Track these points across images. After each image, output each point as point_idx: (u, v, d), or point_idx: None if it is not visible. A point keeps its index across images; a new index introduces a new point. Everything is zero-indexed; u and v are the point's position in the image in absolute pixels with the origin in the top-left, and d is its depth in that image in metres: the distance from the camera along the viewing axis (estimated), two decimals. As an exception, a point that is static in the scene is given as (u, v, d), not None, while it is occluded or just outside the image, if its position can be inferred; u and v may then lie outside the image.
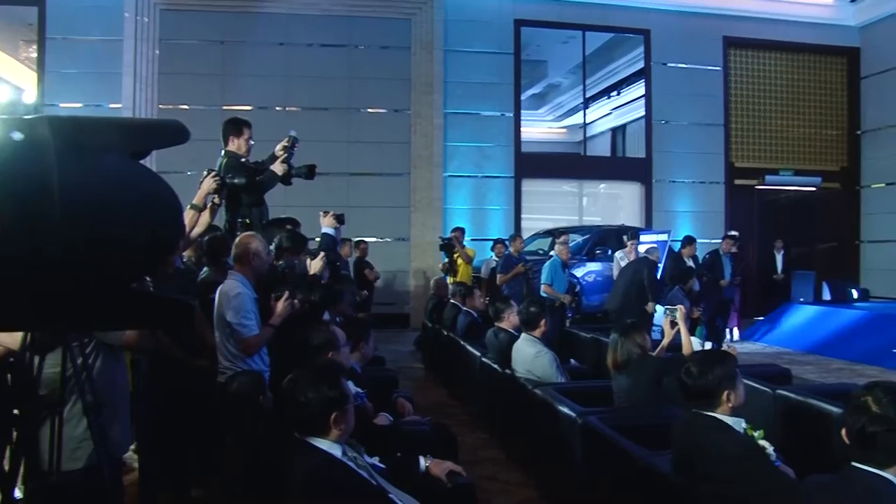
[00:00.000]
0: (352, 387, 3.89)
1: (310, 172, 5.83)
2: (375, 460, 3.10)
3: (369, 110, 14.78)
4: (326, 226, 6.27)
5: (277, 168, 5.60)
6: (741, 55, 17.20)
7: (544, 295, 9.46)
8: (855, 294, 13.80)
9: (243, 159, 5.56)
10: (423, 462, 3.36)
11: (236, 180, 5.32)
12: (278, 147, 5.73)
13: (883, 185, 16.99)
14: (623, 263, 10.07)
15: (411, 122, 14.79)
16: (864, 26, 17.30)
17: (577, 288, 11.84)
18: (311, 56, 14.48)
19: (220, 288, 4.20)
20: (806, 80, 17.69)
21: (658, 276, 10.08)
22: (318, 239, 6.34)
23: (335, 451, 2.68)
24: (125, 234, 2.02)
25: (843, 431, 2.30)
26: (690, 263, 11.17)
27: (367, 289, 11.35)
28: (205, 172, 4.89)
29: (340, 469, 2.66)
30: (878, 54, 17.04)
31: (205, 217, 4.79)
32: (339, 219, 6.37)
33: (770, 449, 3.08)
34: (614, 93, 18.16)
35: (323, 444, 2.67)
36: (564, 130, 18.66)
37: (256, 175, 5.55)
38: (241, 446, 3.84)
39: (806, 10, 16.98)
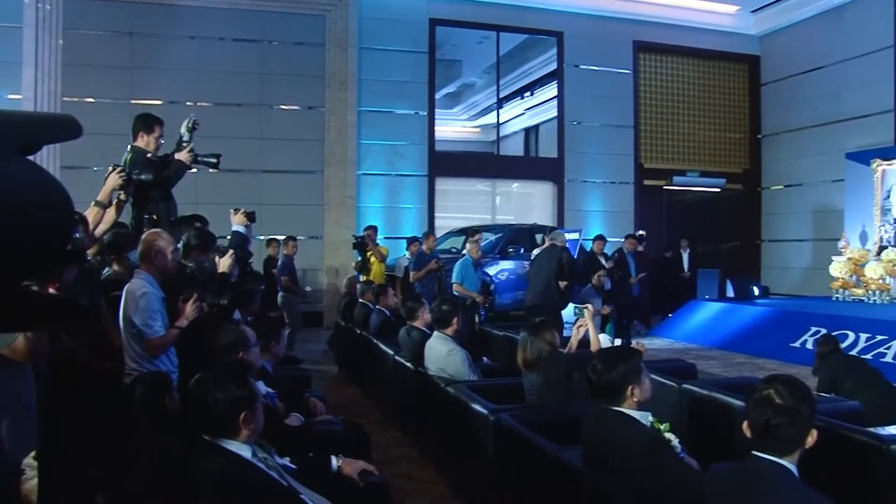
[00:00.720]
0: (262, 387, 3.83)
1: (215, 161, 5.68)
2: (286, 461, 3.06)
3: (282, 107, 14.58)
4: (237, 223, 6.17)
5: (184, 157, 5.44)
6: (650, 59, 17.66)
7: (456, 294, 9.49)
8: (756, 291, 14.34)
9: (149, 154, 5.40)
10: (334, 462, 3.34)
11: (143, 176, 5.17)
12: (182, 128, 5.57)
13: (781, 186, 17.76)
14: None
15: (325, 119, 14.66)
16: (764, 36, 18.07)
17: (492, 286, 11.94)
18: (224, 50, 14.18)
19: (126, 287, 4.08)
20: (711, 86, 18.31)
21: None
22: (229, 237, 6.24)
23: (245, 452, 2.64)
24: (4, 233, 1.92)
25: (746, 424, 2.39)
26: (603, 261, 11.46)
27: (274, 289, 11.17)
28: (110, 168, 4.75)
29: (250, 470, 2.62)
30: (776, 62, 17.82)
31: (110, 214, 4.65)
32: (250, 216, 6.27)
33: (675, 441, 3.17)
34: (528, 93, 18.41)
35: (232, 445, 2.63)
36: (478, 130, 18.83)
37: (164, 169, 5.39)
38: (147, 450, 3.74)
39: (711, 19, 17.58)
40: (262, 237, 11.72)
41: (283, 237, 11.67)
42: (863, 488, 3.31)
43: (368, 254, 11.61)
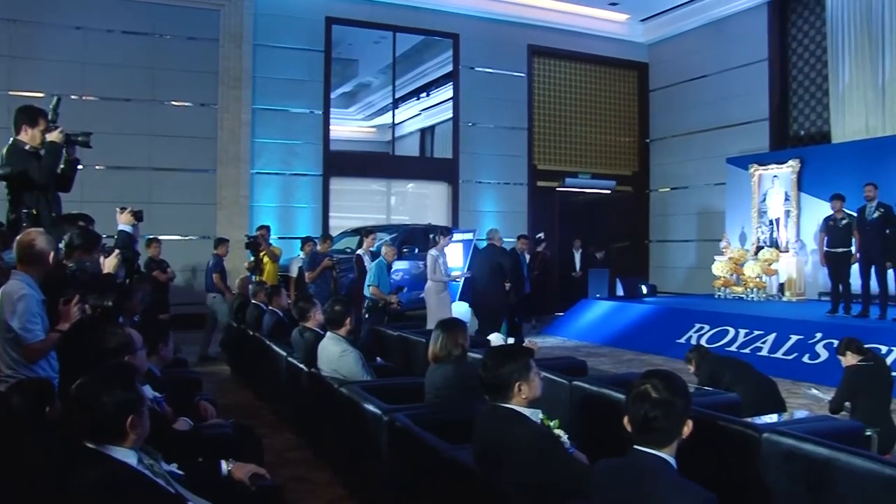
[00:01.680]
0: (149, 391, 3.74)
1: (87, 139, 5.45)
2: (174, 467, 2.99)
3: (174, 103, 14.15)
4: (123, 223, 5.98)
5: (55, 137, 5.13)
6: (544, 63, 18.02)
7: (370, 296, 9.65)
8: (644, 290, 14.85)
9: (27, 147, 5.13)
10: (224, 466, 3.27)
11: (1, 171, 4.95)
12: (49, 109, 5.31)
13: (668, 189, 18.45)
14: (440, 261, 10.29)
15: (218, 116, 14.33)
16: (652, 44, 18.75)
17: (405, 288, 11.95)
18: (112, 43, 13.60)
19: (2, 289, 3.90)
20: (602, 90, 18.83)
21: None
22: (115, 236, 6.05)
23: (130, 458, 2.57)
24: None
25: (626, 419, 2.49)
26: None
27: (160, 290, 10.87)
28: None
29: (135, 478, 2.54)
30: (664, 70, 18.52)
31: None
32: (137, 215, 6.10)
33: (565, 437, 3.25)
34: (424, 94, 18.46)
35: (117, 452, 2.55)
36: (374, 130, 18.75)
37: (38, 159, 5.12)
38: (25, 460, 3.58)
39: (603, 26, 18.10)
40: (150, 237, 11.36)
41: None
42: (741, 475, 3.47)
43: (262, 254, 11.43)
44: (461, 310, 10.64)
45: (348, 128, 18.52)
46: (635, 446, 2.46)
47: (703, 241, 17.00)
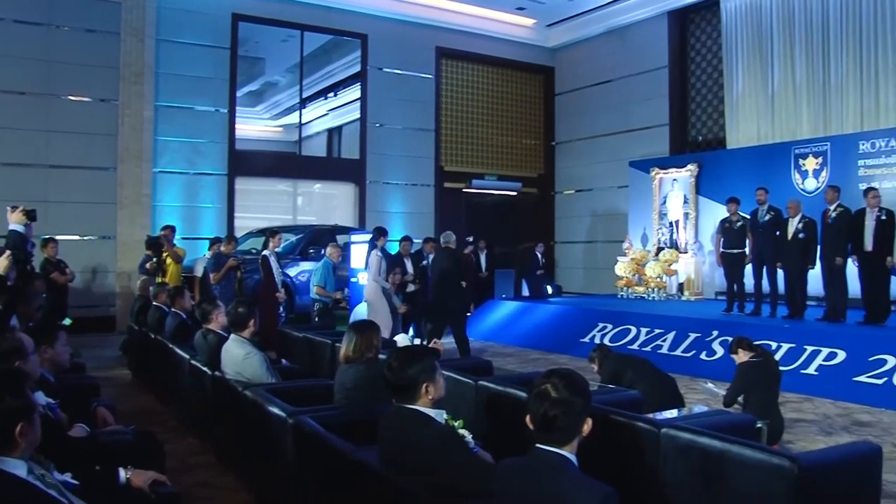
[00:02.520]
0: (42, 397, 3.60)
1: None
2: (67, 476, 2.89)
3: (71, 97, 13.63)
4: (14, 222, 5.76)
5: None
6: (452, 65, 18.15)
7: (315, 296, 9.88)
8: (549, 290, 15.13)
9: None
10: (122, 474, 3.18)
11: None
12: None
13: (573, 191, 18.86)
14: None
15: (119, 112, 13.86)
16: (558, 49, 19.12)
17: (347, 290, 11.94)
18: (4, 32, 13.00)
19: None
20: (509, 93, 19.10)
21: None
22: (5, 237, 5.82)
23: (19, 470, 2.46)
24: None
25: (528, 417, 2.53)
26: (409, 263, 11.76)
27: (58, 293, 10.49)
28: None
29: (23, 489, 2.44)
30: (569, 74, 18.94)
31: None
32: (30, 214, 5.88)
33: (469, 437, 3.28)
34: (331, 94, 18.34)
35: (6, 463, 2.44)
36: (281, 129, 18.52)
37: None
38: None
39: (510, 30, 18.34)
40: (46, 237, 10.94)
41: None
42: (642, 469, 3.58)
43: (164, 255, 11.16)
44: (362, 311, 10.62)
45: (255, 127, 18.26)
46: (537, 445, 2.50)
47: (606, 242, 17.43)
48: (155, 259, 11.18)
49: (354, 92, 17.11)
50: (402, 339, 8.27)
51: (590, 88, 18.36)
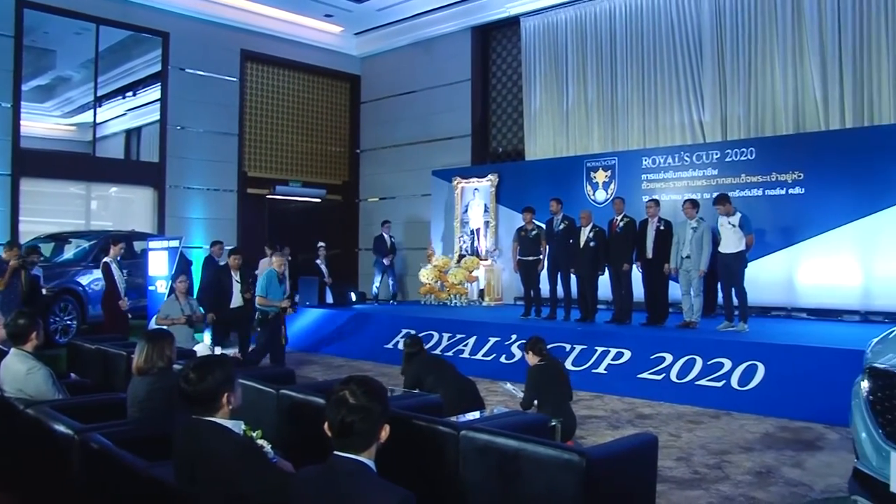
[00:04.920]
0: None
1: None
2: None
3: None
4: None
5: None
6: (258, 69, 17.85)
7: (260, 307, 9.45)
8: (353, 297, 15.18)
9: None
10: None
11: None
12: None
13: (377, 199, 19.03)
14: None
15: None
16: (365, 57, 19.32)
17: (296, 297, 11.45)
18: None
19: None
20: (315, 100, 19.03)
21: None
22: None
23: None
24: None
25: (326, 424, 2.54)
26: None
27: None
28: None
29: None
30: (375, 83, 19.16)
31: None
32: None
33: (268, 447, 3.24)
34: (130, 93, 17.44)
35: None
36: (74, 128, 17.37)
37: None
38: None
39: (317, 36, 18.30)
40: None
41: None
42: (443, 471, 3.68)
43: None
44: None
45: (44, 124, 16.97)
46: (334, 452, 2.51)
47: (410, 249, 17.70)
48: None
49: (155, 92, 16.37)
50: (201, 349, 8.05)
51: (395, 98, 18.62)
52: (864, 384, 3.34)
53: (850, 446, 3.51)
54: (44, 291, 10.76)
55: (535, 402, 6.17)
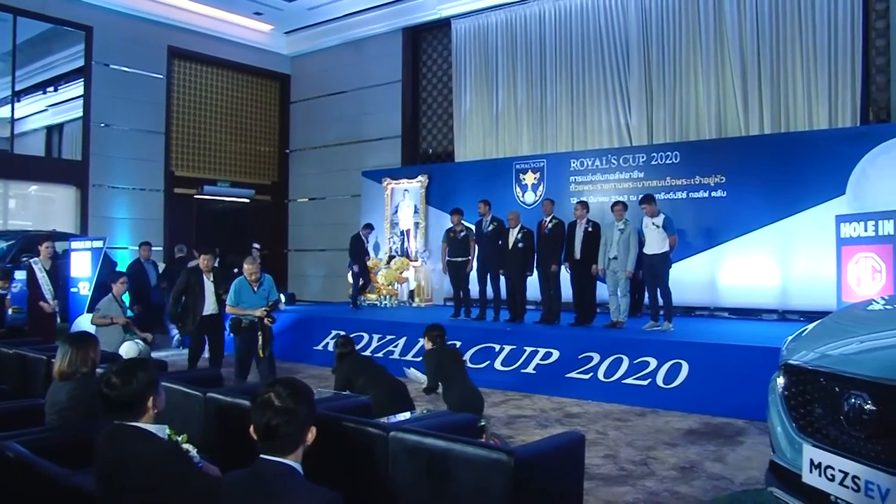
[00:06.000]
0: None
1: None
2: None
3: None
4: None
5: None
6: (185, 67, 17.53)
7: (233, 316, 8.68)
8: (283, 299, 15.01)
9: None
10: None
11: None
12: None
13: (307, 199, 18.89)
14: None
15: None
16: (295, 56, 19.17)
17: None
18: None
19: None
20: (245, 99, 18.79)
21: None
22: None
23: None
24: None
25: (251, 427, 2.52)
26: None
27: None
28: None
29: None
30: (305, 83, 19.02)
31: None
32: None
33: (194, 451, 3.19)
34: (51, 88, 16.94)
35: None
36: (-9, 124, 16.82)
37: None
38: None
39: (247, 34, 18.07)
40: None
41: None
42: (372, 473, 3.67)
43: None
44: (84, 323, 9.99)
45: (-44, 119, 16.42)
46: (261, 455, 2.50)
47: (339, 250, 17.58)
48: None
49: (77, 88, 15.92)
50: (127, 349, 7.90)
51: (325, 98, 18.51)
52: (780, 380, 3.46)
53: (768, 440, 3.63)
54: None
55: (440, 382, 6.57)
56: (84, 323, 9.93)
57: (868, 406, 2.80)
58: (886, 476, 2.66)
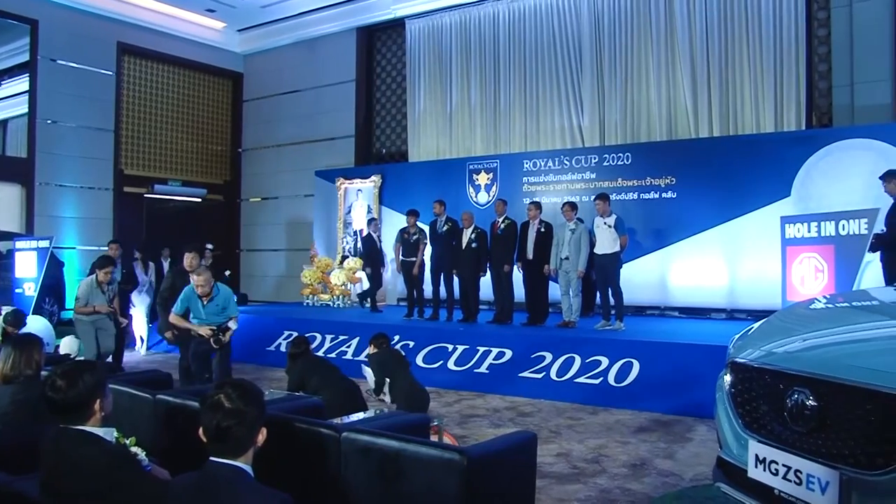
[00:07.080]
0: None
1: None
2: None
3: None
4: None
5: None
6: (136, 63, 17.27)
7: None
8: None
9: None
10: None
11: None
12: None
13: (259, 199, 18.73)
14: None
15: None
16: (248, 55, 19.02)
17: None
18: None
19: None
20: (196, 97, 18.57)
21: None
22: None
23: None
24: None
25: (201, 430, 2.50)
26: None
27: None
28: None
29: None
30: (258, 81, 18.88)
31: None
32: None
33: (142, 455, 3.14)
34: (-6, 83, 16.59)
35: None
36: (-72, 119, 16.40)
37: None
38: None
39: (198, 31, 17.86)
40: None
41: None
42: (325, 474, 3.66)
43: None
44: (38, 325, 9.76)
45: None
46: (210, 457, 2.48)
47: (292, 250, 17.53)
48: None
49: (22, 83, 15.56)
50: (67, 344, 7.78)
51: (278, 97, 18.38)
52: (727, 378, 3.53)
53: (716, 437, 3.70)
54: None
55: (388, 380, 6.92)
56: (31, 324, 9.70)
57: (810, 402, 2.87)
58: (826, 469, 2.73)
